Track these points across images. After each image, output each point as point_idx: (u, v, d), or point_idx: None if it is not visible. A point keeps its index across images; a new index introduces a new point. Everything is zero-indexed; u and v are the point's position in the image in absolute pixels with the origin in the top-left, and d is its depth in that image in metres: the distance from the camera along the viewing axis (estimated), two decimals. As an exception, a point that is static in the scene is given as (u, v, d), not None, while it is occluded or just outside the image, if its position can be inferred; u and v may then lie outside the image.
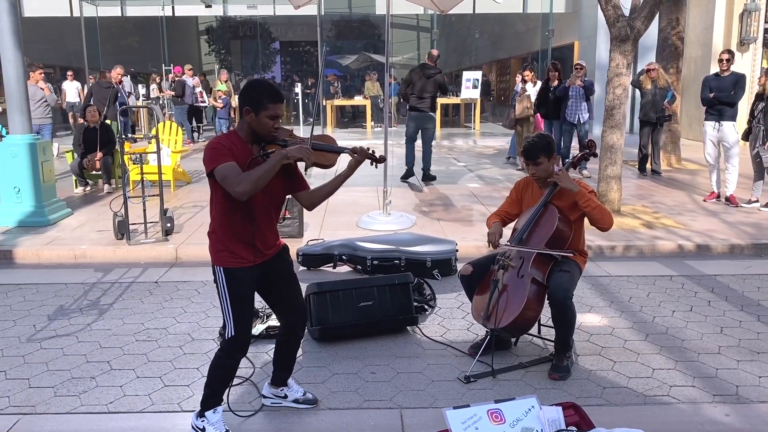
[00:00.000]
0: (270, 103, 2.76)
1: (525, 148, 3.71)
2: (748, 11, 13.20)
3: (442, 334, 4.25)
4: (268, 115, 2.77)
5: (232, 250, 2.86)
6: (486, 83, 22.85)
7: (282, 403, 3.27)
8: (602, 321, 4.48)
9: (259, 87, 2.81)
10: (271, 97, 2.77)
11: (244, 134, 2.84)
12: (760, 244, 6.23)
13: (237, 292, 2.89)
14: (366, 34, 27.77)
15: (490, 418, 2.67)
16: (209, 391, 2.97)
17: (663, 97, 9.60)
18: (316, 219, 7.07)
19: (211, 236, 2.93)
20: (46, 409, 3.32)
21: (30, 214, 6.90)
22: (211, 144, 2.78)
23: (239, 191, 2.67)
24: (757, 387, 3.51)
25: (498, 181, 9.71)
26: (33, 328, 4.39)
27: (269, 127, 2.81)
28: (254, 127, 2.81)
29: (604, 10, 7.11)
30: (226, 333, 2.91)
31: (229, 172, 2.68)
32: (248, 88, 2.84)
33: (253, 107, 2.77)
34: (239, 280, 2.88)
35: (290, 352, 3.23)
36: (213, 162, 2.71)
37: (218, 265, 2.89)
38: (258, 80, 2.94)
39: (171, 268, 5.77)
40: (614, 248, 6.13)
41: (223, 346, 2.94)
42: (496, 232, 3.79)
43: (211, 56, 28.40)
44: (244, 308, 2.92)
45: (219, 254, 2.89)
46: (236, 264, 2.87)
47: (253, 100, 2.77)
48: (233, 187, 2.67)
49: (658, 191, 8.80)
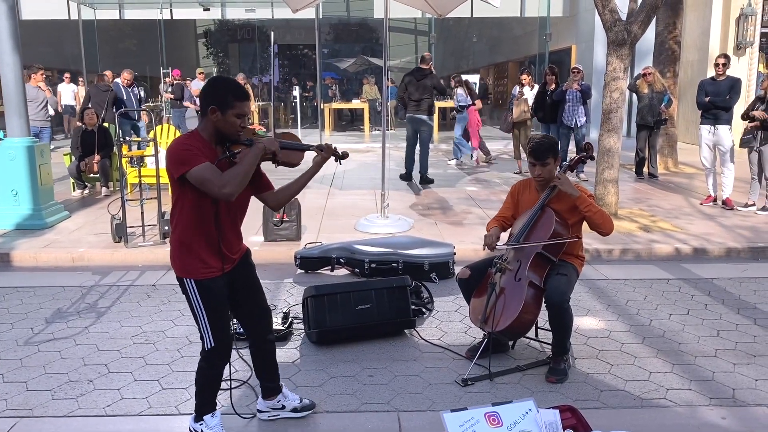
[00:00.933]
0: (237, 101, 2.65)
1: (533, 149, 3.69)
2: (744, 15, 13.24)
3: (439, 338, 4.26)
4: (235, 114, 2.66)
5: (202, 260, 2.75)
6: (484, 87, 22.88)
7: (280, 415, 3.18)
8: (599, 324, 4.49)
9: (225, 85, 2.70)
10: (237, 95, 2.66)
11: (207, 135, 2.70)
12: (756, 248, 6.25)
13: (211, 303, 2.79)
14: (364, 38, 27.78)
15: (487, 421, 2.67)
16: (200, 399, 2.95)
17: (660, 100, 9.63)
18: (314, 222, 7.08)
19: (176, 246, 2.77)
20: (43, 412, 3.32)
21: (27, 217, 6.89)
22: (177, 146, 2.63)
23: (226, 192, 2.57)
24: (753, 390, 3.52)
25: (496, 184, 9.72)
26: (30, 331, 4.39)
27: (236, 126, 2.69)
28: (220, 127, 2.68)
29: (601, 14, 7.14)
30: (205, 344, 2.83)
31: (209, 173, 2.57)
32: (212, 86, 2.72)
33: (219, 106, 2.64)
34: (212, 290, 2.78)
35: (267, 358, 3.13)
36: (184, 165, 2.57)
37: (188, 277, 2.77)
38: (222, 78, 2.82)
39: (169, 271, 5.77)
40: (611, 251, 6.14)
41: (204, 356, 2.87)
42: (493, 234, 3.79)
43: (209, 59, 28.40)
44: (220, 317, 2.84)
45: (187, 266, 2.76)
46: (207, 275, 2.76)
47: (218, 99, 2.65)
48: (218, 189, 2.56)
49: (655, 194, 8.82)
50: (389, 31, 7.22)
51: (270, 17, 18.49)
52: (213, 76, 3.04)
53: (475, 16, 17.70)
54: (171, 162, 2.63)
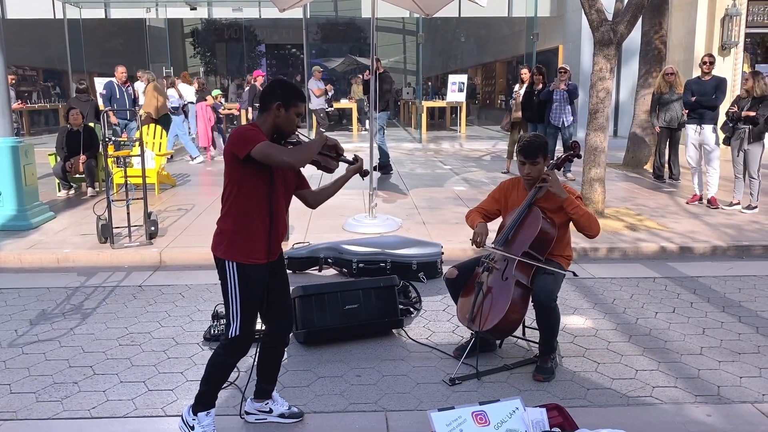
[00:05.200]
0: (299, 101, 2.87)
1: (523, 147, 3.70)
2: (729, 16, 13.37)
3: (427, 337, 4.26)
4: (296, 112, 2.86)
5: (250, 244, 2.84)
6: (472, 86, 22.94)
7: (267, 419, 3.18)
8: (586, 323, 4.51)
9: (290, 85, 2.91)
10: (299, 95, 2.88)
11: (266, 129, 2.85)
12: (741, 246, 6.30)
13: (249, 291, 2.86)
14: (352, 37, 27.77)
15: (474, 420, 2.68)
16: (204, 388, 2.95)
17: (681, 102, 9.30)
18: (302, 222, 7.06)
19: (225, 228, 2.87)
20: (27, 414, 3.28)
21: (12, 217, 6.82)
22: (242, 129, 2.78)
23: (288, 161, 2.69)
24: (738, 387, 3.55)
25: (483, 184, 9.74)
26: (15, 333, 4.34)
27: (294, 123, 2.89)
28: (280, 122, 2.85)
29: (587, 14, 7.17)
30: (230, 332, 2.86)
31: (271, 147, 2.70)
32: (278, 85, 2.89)
33: (284, 103, 2.82)
34: (253, 278, 2.86)
35: (277, 359, 3.17)
36: (249, 143, 2.69)
37: (231, 259, 2.83)
38: (285, 79, 3.04)
39: (155, 272, 5.73)
40: (598, 250, 6.18)
41: (225, 344, 2.90)
42: (482, 232, 3.75)
43: (196, 59, 28.27)
44: (254, 309, 2.90)
45: (233, 248, 2.84)
46: (252, 260, 2.84)
47: (284, 96, 2.83)
48: (282, 157, 2.68)
49: (642, 193, 8.88)
50: (377, 30, 7.21)
51: (257, 17, 18.43)
52: (276, 77, 3.37)
53: (463, 15, 17.74)
54: (237, 142, 2.73)
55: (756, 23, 14.03)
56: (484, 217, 3.93)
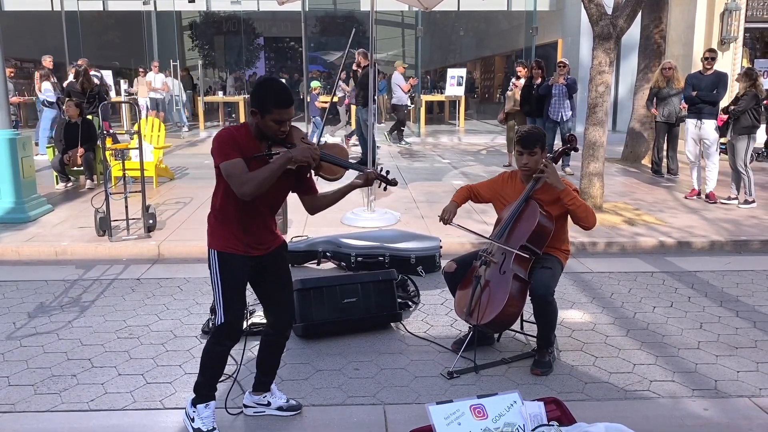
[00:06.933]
0: (275, 108, 2.69)
1: (521, 137, 3.75)
2: (728, 11, 13.33)
3: (425, 331, 4.27)
4: (272, 119, 2.71)
5: (228, 234, 2.88)
6: (470, 80, 22.89)
7: (265, 412, 3.19)
8: (584, 317, 4.52)
9: (266, 89, 2.73)
10: (276, 101, 2.69)
11: (253, 129, 2.81)
12: (738, 241, 6.31)
13: (228, 277, 2.88)
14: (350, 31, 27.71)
15: (472, 414, 2.68)
16: (201, 378, 2.98)
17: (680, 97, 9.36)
18: (300, 216, 7.03)
19: (210, 220, 2.94)
20: (26, 407, 3.28)
21: (9, 210, 6.80)
22: (222, 136, 2.75)
23: (243, 192, 2.68)
24: (735, 381, 3.56)
25: (482, 177, 9.70)
26: (13, 325, 4.34)
27: (275, 131, 2.75)
28: (261, 128, 2.78)
29: (587, 8, 7.16)
30: (216, 319, 2.91)
31: (235, 170, 2.67)
32: (257, 88, 2.76)
33: (258, 109, 2.71)
34: (231, 265, 2.88)
35: (277, 352, 3.18)
36: (220, 156, 2.71)
37: (212, 248, 2.90)
38: (268, 81, 2.80)
39: (153, 265, 5.73)
40: (596, 244, 6.18)
41: (213, 332, 2.95)
42: (450, 210, 3.87)
43: (194, 51, 28.15)
44: (234, 295, 2.91)
45: (214, 238, 2.90)
46: (229, 249, 2.87)
47: (258, 102, 2.71)
48: (238, 187, 2.68)
49: (640, 188, 8.88)
50: (376, 24, 7.19)
51: (256, 9, 18.35)
52: (263, 78, 3.03)
53: (462, 9, 17.69)
54: (214, 147, 2.74)
55: (755, 18, 13.99)
56: (473, 196, 4.02)
